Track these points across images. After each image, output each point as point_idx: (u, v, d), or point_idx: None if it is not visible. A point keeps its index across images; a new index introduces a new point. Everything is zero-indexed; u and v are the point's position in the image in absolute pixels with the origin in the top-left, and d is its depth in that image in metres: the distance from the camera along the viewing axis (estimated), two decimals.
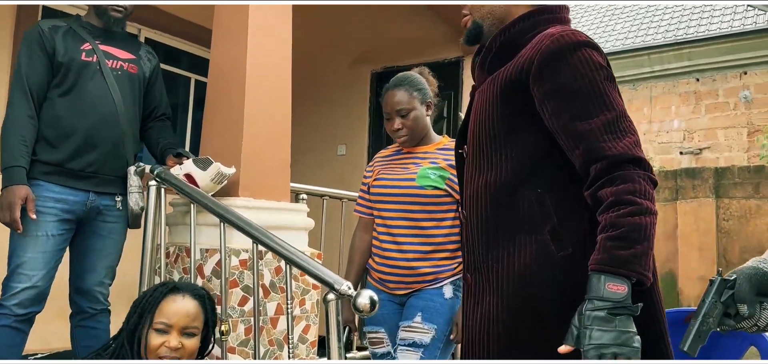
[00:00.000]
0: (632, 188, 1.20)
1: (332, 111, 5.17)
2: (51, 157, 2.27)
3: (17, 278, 2.20)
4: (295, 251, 1.98)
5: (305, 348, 2.61)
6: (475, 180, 1.41)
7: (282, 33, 2.71)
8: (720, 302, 1.04)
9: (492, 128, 1.38)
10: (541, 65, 1.30)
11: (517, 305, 1.30)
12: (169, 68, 4.70)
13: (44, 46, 2.29)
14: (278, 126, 2.66)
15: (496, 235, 1.35)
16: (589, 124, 1.25)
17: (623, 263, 1.16)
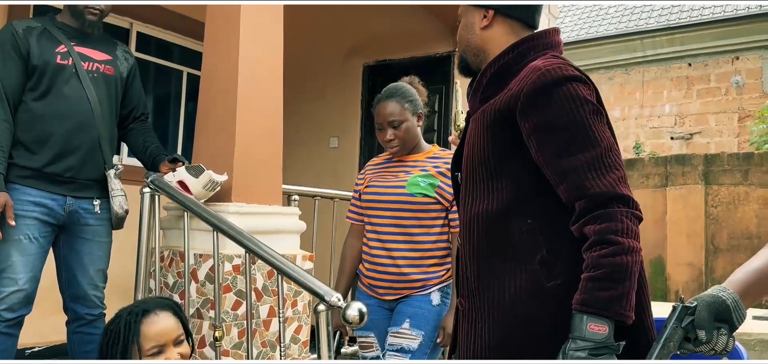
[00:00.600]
0: (615, 226, 1.21)
1: (324, 104, 5.20)
2: (28, 162, 2.25)
3: (4, 283, 2.20)
4: (286, 262, 2.03)
5: (297, 348, 2.67)
6: (469, 207, 1.43)
7: (273, 38, 2.74)
8: (681, 328, 1.10)
9: (484, 158, 1.39)
10: (527, 100, 1.31)
11: (509, 334, 1.32)
12: (161, 62, 4.71)
13: (19, 48, 2.26)
14: (270, 131, 2.69)
15: (489, 263, 1.37)
16: (573, 161, 1.26)
17: (604, 304, 1.18)
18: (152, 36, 4.61)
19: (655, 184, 8.72)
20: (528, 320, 1.30)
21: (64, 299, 2.42)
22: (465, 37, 1.50)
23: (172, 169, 2.43)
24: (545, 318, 1.29)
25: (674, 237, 8.48)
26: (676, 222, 8.45)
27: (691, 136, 10.63)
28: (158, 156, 2.52)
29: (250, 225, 2.44)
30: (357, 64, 5.12)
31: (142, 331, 1.73)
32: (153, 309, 1.78)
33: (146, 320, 1.75)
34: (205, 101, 2.69)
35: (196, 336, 2.44)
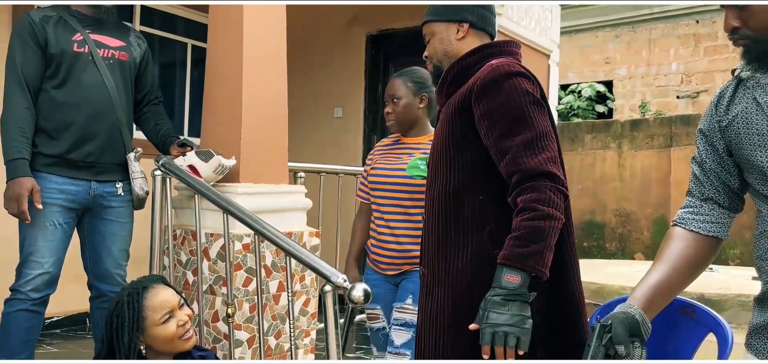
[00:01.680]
0: (538, 196, 1.44)
1: (328, 75, 5.23)
2: (51, 149, 2.34)
3: (30, 265, 2.31)
4: (292, 244, 2.13)
5: (306, 320, 2.79)
6: (431, 187, 1.67)
7: (276, 19, 2.79)
8: (602, 346, 1.21)
9: (445, 144, 1.62)
10: (480, 90, 1.54)
11: (460, 297, 1.54)
12: (166, 34, 4.76)
13: (37, 37, 2.32)
14: (275, 112, 2.77)
15: (445, 235, 1.59)
16: (512, 141, 1.49)
17: (519, 259, 1.41)
18: (157, 10, 4.64)
19: (660, 144, 8.75)
20: (480, 283, 1.49)
21: (89, 277, 2.53)
22: (442, 48, 1.73)
23: (182, 153, 2.51)
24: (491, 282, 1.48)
25: (678, 197, 8.54)
26: (681, 182, 8.49)
27: (697, 95, 10.58)
28: (168, 139, 2.60)
29: (258, 205, 2.53)
30: (360, 34, 5.15)
31: (147, 305, 1.85)
32: (149, 285, 1.91)
33: (148, 295, 1.87)
34: (212, 86, 2.76)
35: (210, 311, 2.56)
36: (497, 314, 1.37)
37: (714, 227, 1.29)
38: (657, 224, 8.90)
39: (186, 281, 2.65)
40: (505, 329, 1.37)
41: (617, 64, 11.34)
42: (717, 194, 1.27)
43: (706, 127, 1.25)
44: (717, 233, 1.29)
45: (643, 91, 11.07)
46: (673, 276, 1.28)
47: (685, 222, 1.31)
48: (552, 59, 5.44)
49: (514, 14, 4.90)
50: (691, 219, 1.31)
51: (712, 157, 1.23)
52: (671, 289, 1.29)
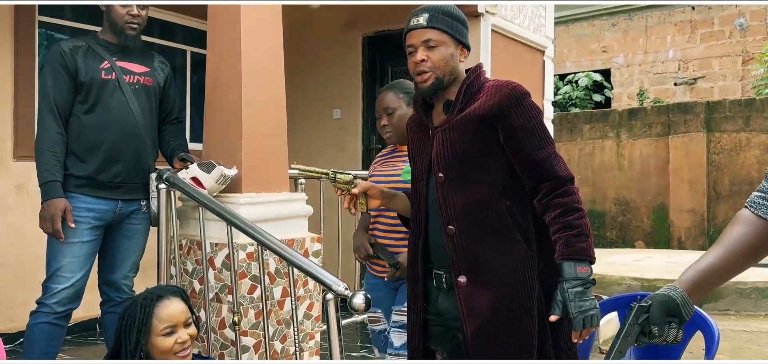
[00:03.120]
0: (575, 198, 1.70)
1: (326, 76, 5.30)
2: (81, 170, 2.48)
3: (57, 280, 2.44)
4: (294, 254, 2.21)
5: (310, 323, 2.87)
6: (457, 200, 1.74)
7: (273, 30, 2.86)
8: (637, 324, 1.28)
9: (469, 157, 1.73)
10: (507, 108, 1.71)
11: (508, 298, 1.70)
12: (165, 42, 4.82)
13: (67, 66, 2.47)
14: (274, 122, 2.84)
15: (483, 242, 1.71)
16: (541, 153, 1.71)
17: (585, 252, 1.65)
18: (156, 18, 4.70)
19: (658, 132, 8.81)
20: (522, 282, 1.69)
21: (99, 282, 2.67)
22: (450, 63, 1.79)
23: (184, 166, 2.59)
24: (531, 279, 1.71)
25: (677, 185, 8.62)
26: (678, 170, 8.57)
27: (694, 81, 10.63)
28: (174, 151, 2.70)
29: (260, 214, 2.61)
30: (356, 36, 5.21)
31: (155, 313, 1.95)
32: (166, 295, 2.01)
33: (160, 304, 1.97)
34: (212, 98, 2.83)
35: (216, 318, 2.64)
36: (583, 302, 1.59)
37: None
38: (656, 212, 8.97)
39: (193, 290, 2.73)
40: (592, 312, 1.59)
41: (614, 53, 11.39)
42: None
43: None
44: None
45: (641, 79, 11.12)
46: (730, 259, 1.28)
47: (755, 206, 1.28)
48: (547, 55, 5.50)
49: (508, 13, 4.96)
50: (761, 203, 1.27)
51: None
52: (725, 272, 1.30)
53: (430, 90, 1.79)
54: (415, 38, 1.78)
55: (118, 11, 2.53)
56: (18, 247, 3.67)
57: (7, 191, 3.73)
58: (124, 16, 2.53)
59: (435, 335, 1.87)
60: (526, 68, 5.23)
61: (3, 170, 3.71)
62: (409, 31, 1.81)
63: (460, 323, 1.75)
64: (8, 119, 3.75)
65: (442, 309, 1.82)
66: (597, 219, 9.40)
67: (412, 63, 1.80)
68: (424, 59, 1.76)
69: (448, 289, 1.79)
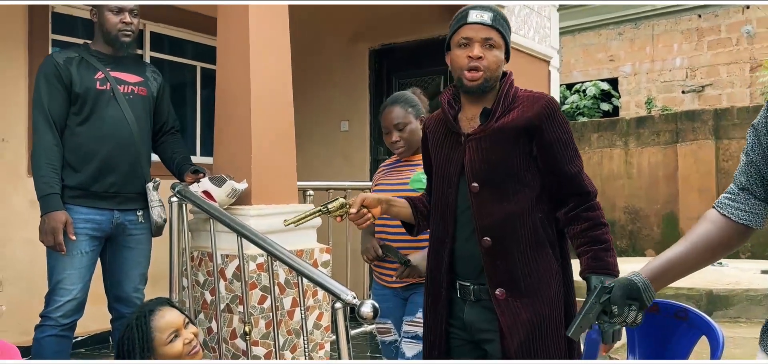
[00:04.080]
0: (601, 214, 1.74)
1: (334, 89, 5.37)
2: (76, 181, 2.48)
3: (59, 293, 2.45)
4: (303, 264, 2.25)
5: (320, 333, 2.91)
6: (495, 211, 1.72)
7: (281, 48, 2.92)
8: (599, 303, 1.36)
9: (506, 168, 1.72)
10: (547, 119, 1.73)
11: (548, 309, 1.71)
12: (176, 59, 4.90)
13: (61, 77, 2.46)
14: (283, 136, 2.89)
15: (522, 254, 1.71)
16: (574, 167, 1.74)
17: (613, 267, 1.69)
18: (166, 35, 4.79)
19: (666, 140, 8.80)
20: (556, 295, 1.72)
21: (109, 299, 2.67)
22: (499, 70, 1.78)
23: (196, 180, 2.64)
24: (560, 290, 1.74)
25: (686, 192, 8.59)
26: (688, 178, 8.54)
27: (702, 89, 10.60)
28: (183, 166, 2.73)
29: (269, 226, 2.65)
30: (363, 49, 5.27)
31: (154, 326, 1.98)
32: (156, 307, 2.03)
33: (155, 316, 1.99)
34: (222, 113, 2.89)
35: (228, 329, 2.68)
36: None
37: (745, 216, 1.33)
38: (666, 221, 8.94)
39: (204, 301, 2.78)
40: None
41: (621, 62, 11.39)
42: (755, 185, 1.32)
43: (759, 123, 1.30)
44: (748, 221, 1.33)
45: (649, 88, 11.11)
46: (691, 254, 1.36)
47: (721, 206, 1.37)
48: (552, 65, 5.53)
49: (513, 23, 5.00)
50: (727, 204, 1.36)
51: (757, 151, 1.29)
52: (686, 266, 1.37)
53: (478, 89, 1.74)
54: (474, 32, 1.72)
55: (111, 20, 2.52)
56: (33, 261, 3.72)
57: (23, 206, 3.79)
58: (117, 24, 2.52)
59: (456, 346, 1.83)
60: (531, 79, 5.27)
61: (18, 186, 3.78)
62: (467, 24, 1.74)
63: (490, 336, 1.74)
64: (23, 136, 3.82)
65: (468, 321, 1.78)
66: None
67: (463, 56, 1.73)
68: (481, 56, 1.72)
69: (474, 301, 1.76)
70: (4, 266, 3.61)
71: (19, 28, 3.81)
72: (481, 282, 1.75)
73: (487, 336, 1.75)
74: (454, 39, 1.77)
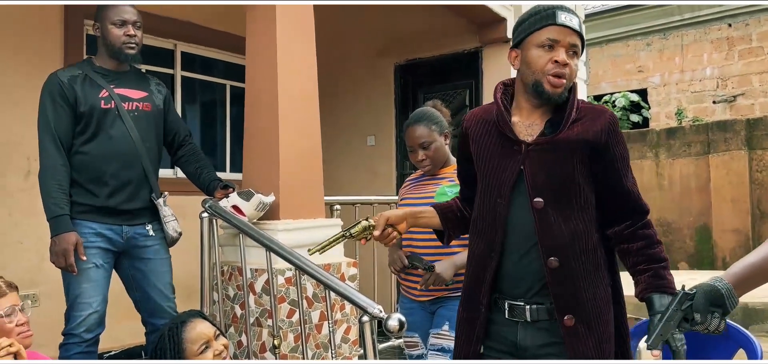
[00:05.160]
0: (655, 231, 1.67)
1: (360, 104, 5.42)
2: (85, 199, 2.47)
3: (79, 307, 2.43)
4: (330, 277, 2.28)
5: (347, 347, 2.93)
6: (561, 230, 1.59)
7: (308, 65, 2.98)
8: (680, 310, 1.32)
9: (572, 183, 1.61)
10: (613, 135, 1.64)
11: (610, 339, 1.63)
12: (206, 78, 5.01)
13: (66, 96, 2.44)
14: (310, 150, 2.94)
15: (587, 277, 1.60)
16: (631, 183, 1.68)
17: (672, 285, 1.59)
18: (197, 55, 4.90)
19: (697, 151, 8.64)
20: (616, 322, 1.65)
21: (142, 315, 2.68)
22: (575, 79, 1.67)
23: (225, 195, 2.69)
24: (612, 314, 1.65)
25: (719, 204, 8.41)
26: (720, 189, 8.37)
27: (734, 99, 10.40)
28: (212, 182, 2.77)
29: (297, 240, 2.69)
30: (388, 65, 5.32)
31: (186, 338, 2.01)
32: (188, 319, 2.06)
33: (187, 328, 2.03)
34: (250, 129, 2.95)
35: (257, 342, 2.72)
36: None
37: None
38: (699, 233, 8.76)
39: (234, 315, 2.83)
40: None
41: (650, 72, 11.24)
42: None
43: None
44: None
45: (679, 98, 10.94)
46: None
47: None
48: (579, 77, 5.50)
49: None
50: None
51: None
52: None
53: (560, 98, 1.61)
54: (563, 36, 1.58)
55: (115, 33, 2.51)
56: None
57: None
58: (120, 37, 2.51)
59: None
60: None
61: None
62: (554, 25, 1.59)
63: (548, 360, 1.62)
64: None
65: (522, 344, 1.63)
66: None
67: (546, 59, 1.59)
68: (567, 63, 1.59)
69: (531, 322, 1.62)
70: (41, 281, 3.71)
71: (55, 50, 3.94)
72: (538, 302, 1.61)
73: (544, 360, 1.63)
74: (534, 37, 1.61)
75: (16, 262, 3.55)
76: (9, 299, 1.76)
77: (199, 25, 4.73)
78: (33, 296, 3.65)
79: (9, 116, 3.66)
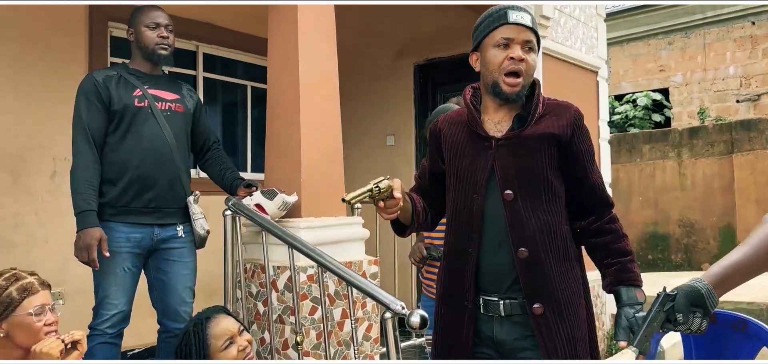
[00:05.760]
0: (621, 225, 1.72)
1: (379, 104, 5.43)
2: (115, 198, 2.51)
3: (106, 307, 2.50)
4: (352, 274, 2.29)
5: (369, 345, 2.94)
6: (531, 222, 1.63)
7: (329, 64, 2.99)
8: (662, 311, 1.34)
9: (540, 176, 1.65)
10: (578, 129, 1.70)
11: (580, 327, 1.67)
12: (227, 79, 5.06)
13: (100, 95, 2.50)
14: (331, 149, 2.95)
15: (556, 267, 1.65)
16: (597, 177, 1.73)
17: (639, 277, 1.66)
18: (218, 56, 4.95)
19: (721, 151, 8.53)
20: (584, 312, 1.69)
21: (158, 314, 2.72)
22: (533, 75, 1.70)
23: (248, 194, 2.72)
24: (584, 306, 1.71)
25: (743, 204, 8.29)
26: (745, 189, 8.24)
27: (758, 98, 10.23)
28: (235, 181, 2.82)
29: (319, 238, 2.71)
30: (408, 64, 5.33)
31: (210, 333, 2.04)
32: (213, 314, 2.10)
33: (211, 324, 2.06)
34: (272, 129, 2.97)
35: (280, 339, 2.74)
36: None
37: None
38: (723, 233, 8.64)
39: (257, 312, 2.85)
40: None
41: (672, 71, 11.11)
42: None
43: None
44: None
45: (701, 97, 10.80)
46: (752, 259, 1.34)
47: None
48: (600, 75, 5.45)
49: (559, 35, 4.97)
50: None
51: None
52: (748, 270, 1.35)
53: (516, 96, 1.65)
54: (515, 34, 1.63)
55: (148, 35, 2.59)
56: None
57: None
58: (154, 39, 2.59)
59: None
60: (579, 90, 5.21)
61: None
62: (507, 24, 1.63)
63: (526, 355, 1.64)
64: None
65: (499, 339, 1.66)
66: (660, 242, 9.11)
67: (503, 57, 1.63)
68: (523, 59, 1.62)
69: (505, 316, 1.65)
70: (67, 280, 3.77)
71: (80, 52, 4.00)
72: (511, 297, 1.64)
73: (522, 355, 1.65)
74: (489, 39, 1.66)
75: (42, 261, 3.61)
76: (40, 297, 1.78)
77: (221, 27, 4.78)
78: (59, 294, 3.71)
79: (34, 117, 3.73)
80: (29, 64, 3.72)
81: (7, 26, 3.62)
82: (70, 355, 1.76)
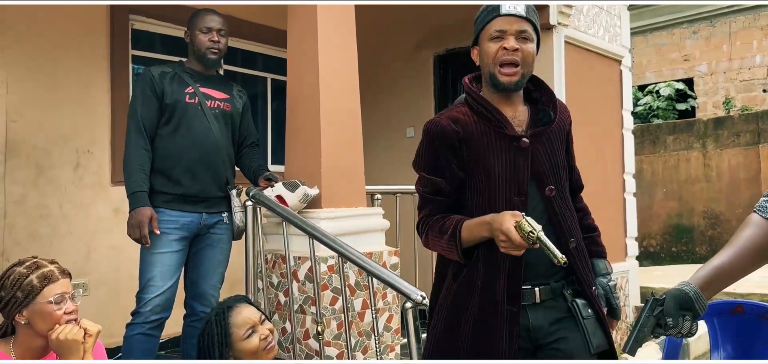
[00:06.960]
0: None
1: (399, 96, 5.41)
2: (167, 187, 2.68)
3: (149, 290, 2.61)
4: (373, 264, 2.28)
5: (390, 335, 2.93)
6: (566, 214, 1.71)
7: (349, 57, 2.98)
8: (653, 316, 1.35)
9: (565, 169, 1.77)
10: (570, 123, 1.84)
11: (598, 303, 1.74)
12: (247, 71, 5.08)
13: (155, 89, 2.69)
14: (351, 141, 2.95)
15: (585, 252, 1.76)
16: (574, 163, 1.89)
17: (605, 251, 1.86)
18: (238, 48, 4.97)
19: (747, 141, 8.36)
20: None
21: (186, 296, 2.82)
22: (533, 65, 1.68)
23: (269, 185, 2.74)
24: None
25: None
26: None
27: None
28: (259, 168, 2.87)
29: (340, 228, 2.71)
30: (427, 56, 5.29)
31: (232, 322, 2.07)
32: (235, 304, 2.12)
33: (233, 313, 2.08)
34: (292, 121, 2.98)
35: (301, 329, 2.75)
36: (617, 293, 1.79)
37: None
38: None
39: (278, 302, 2.86)
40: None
41: (696, 61, 10.91)
42: None
43: None
44: None
45: (727, 87, 10.59)
46: (737, 260, 1.36)
47: (762, 209, 1.37)
48: (623, 64, 5.37)
49: (582, 23, 4.90)
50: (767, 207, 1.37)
51: None
52: (734, 272, 1.37)
53: (515, 86, 1.64)
54: (509, 25, 1.61)
55: (201, 38, 2.76)
56: (117, 267, 3.94)
57: (107, 215, 4.02)
58: (205, 43, 2.76)
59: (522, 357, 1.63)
60: (602, 79, 5.14)
61: (103, 195, 4.01)
62: (499, 16, 1.62)
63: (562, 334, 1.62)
64: (106, 147, 4.05)
65: (535, 325, 1.62)
66: (685, 234, 8.98)
67: (498, 49, 1.61)
68: (517, 48, 1.60)
69: (539, 303, 1.63)
70: (91, 270, 3.83)
71: (101, 45, 4.04)
72: (545, 282, 1.63)
73: (558, 335, 1.62)
74: (484, 33, 1.66)
75: (65, 252, 3.67)
76: (60, 285, 1.79)
77: (241, 19, 4.79)
78: (83, 284, 3.77)
79: (58, 111, 3.78)
80: (52, 58, 3.76)
81: (29, 20, 3.67)
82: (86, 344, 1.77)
